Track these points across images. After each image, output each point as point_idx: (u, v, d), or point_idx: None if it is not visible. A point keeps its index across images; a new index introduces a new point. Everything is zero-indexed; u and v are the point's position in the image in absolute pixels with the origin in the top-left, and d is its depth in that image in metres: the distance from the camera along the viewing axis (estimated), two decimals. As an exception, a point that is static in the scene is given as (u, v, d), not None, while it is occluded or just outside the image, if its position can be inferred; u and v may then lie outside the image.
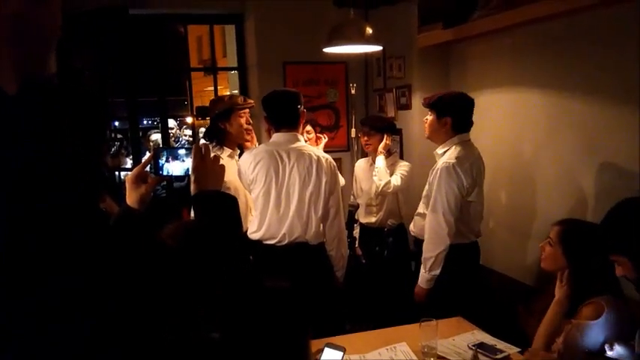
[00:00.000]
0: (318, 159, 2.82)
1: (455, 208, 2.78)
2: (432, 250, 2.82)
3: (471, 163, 2.81)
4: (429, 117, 2.94)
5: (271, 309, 1.43)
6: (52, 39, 0.99)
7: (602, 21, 2.56)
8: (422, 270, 2.87)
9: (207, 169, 1.36)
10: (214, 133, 3.16)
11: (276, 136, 2.90)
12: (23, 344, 0.97)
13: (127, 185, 1.47)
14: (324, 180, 2.81)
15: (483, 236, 3.08)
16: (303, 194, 2.80)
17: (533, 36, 3.02)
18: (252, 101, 3.24)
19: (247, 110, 3.20)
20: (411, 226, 3.15)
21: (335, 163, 2.92)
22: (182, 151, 1.50)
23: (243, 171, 2.90)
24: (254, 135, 3.37)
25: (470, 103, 2.91)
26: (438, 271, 2.82)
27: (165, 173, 1.52)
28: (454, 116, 2.86)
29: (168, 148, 1.43)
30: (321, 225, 2.85)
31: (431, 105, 2.92)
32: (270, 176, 2.80)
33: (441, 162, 2.85)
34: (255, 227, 2.88)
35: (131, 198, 1.46)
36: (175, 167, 1.50)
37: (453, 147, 2.86)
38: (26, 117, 1.01)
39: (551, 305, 2.15)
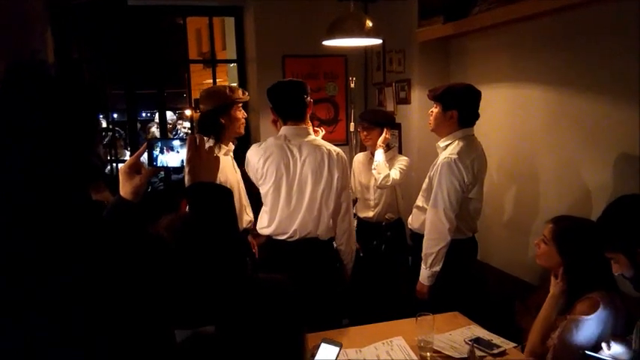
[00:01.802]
0: (330, 153, 2.76)
1: (456, 204, 2.76)
2: (432, 247, 2.80)
3: (472, 160, 2.78)
4: (435, 109, 2.89)
5: (267, 304, 1.42)
6: (33, 20, 0.99)
7: (602, 16, 2.54)
8: (422, 266, 2.85)
9: (202, 160, 1.35)
10: (212, 128, 2.97)
11: (286, 129, 2.81)
12: (20, 337, 0.96)
13: (121, 176, 1.46)
14: (336, 175, 2.76)
15: (482, 232, 3.07)
16: (315, 189, 2.75)
17: (534, 31, 3.00)
18: (247, 95, 3.12)
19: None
20: (409, 220, 3.13)
21: (346, 157, 2.88)
22: (177, 143, 1.49)
23: (251, 165, 2.83)
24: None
25: (477, 96, 2.86)
26: (438, 268, 2.81)
27: (159, 164, 1.51)
28: (461, 109, 2.81)
29: (162, 139, 1.41)
30: (332, 220, 2.82)
31: (437, 97, 2.86)
32: (281, 172, 2.74)
33: (442, 156, 2.82)
34: (265, 223, 2.84)
35: (125, 189, 1.45)
36: (170, 158, 1.49)
37: (456, 142, 2.83)
38: (17, 103, 1.00)
39: (546, 301, 2.15)
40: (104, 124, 4.61)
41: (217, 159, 1.40)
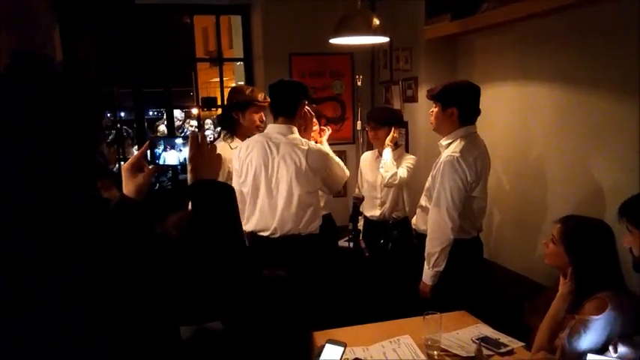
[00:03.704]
0: (308, 151, 2.81)
1: (459, 203, 2.74)
2: (435, 246, 2.78)
3: (475, 157, 2.75)
4: (435, 109, 2.88)
5: (273, 300, 1.42)
6: (38, 16, 0.99)
7: (610, 14, 2.52)
8: (425, 266, 2.83)
9: (204, 158, 1.35)
10: (226, 122, 3.23)
11: (270, 127, 2.93)
12: (20, 337, 0.96)
13: (124, 175, 1.47)
14: (315, 173, 2.82)
15: (491, 231, 3.05)
16: (291, 188, 2.80)
17: (541, 29, 2.98)
18: (268, 100, 3.21)
19: (264, 107, 3.23)
20: (414, 221, 3.12)
21: (324, 150, 2.95)
22: (179, 141, 1.49)
23: (237, 160, 2.92)
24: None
25: (476, 92, 2.84)
26: (442, 267, 2.79)
27: (161, 163, 1.51)
28: (460, 106, 2.80)
29: (165, 138, 1.41)
30: (312, 213, 2.86)
31: (435, 97, 2.85)
32: (260, 168, 2.82)
33: (444, 155, 2.80)
34: (246, 218, 2.89)
35: (127, 187, 1.45)
36: (173, 157, 1.49)
37: (458, 140, 2.81)
38: (17, 102, 1.00)
39: (555, 300, 2.13)
40: (111, 122, 4.63)
41: (219, 157, 1.40)
